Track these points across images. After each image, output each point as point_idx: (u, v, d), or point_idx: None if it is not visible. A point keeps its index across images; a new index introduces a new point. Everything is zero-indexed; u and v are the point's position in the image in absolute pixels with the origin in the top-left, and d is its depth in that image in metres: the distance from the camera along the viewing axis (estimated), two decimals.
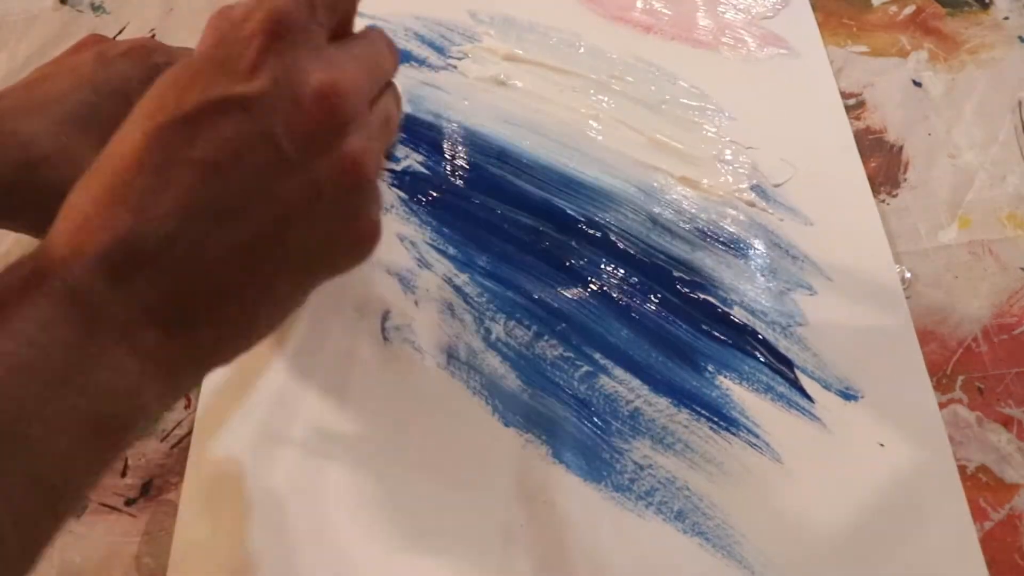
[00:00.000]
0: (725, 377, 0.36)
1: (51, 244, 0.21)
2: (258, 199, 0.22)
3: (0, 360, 0.18)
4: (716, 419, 0.35)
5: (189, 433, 0.36)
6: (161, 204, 0.21)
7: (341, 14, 0.25)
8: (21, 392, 0.19)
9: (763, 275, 0.39)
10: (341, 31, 0.25)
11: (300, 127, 0.22)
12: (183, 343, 0.22)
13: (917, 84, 0.45)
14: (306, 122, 0.22)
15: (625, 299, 0.39)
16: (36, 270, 0.20)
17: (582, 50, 0.47)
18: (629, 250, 0.40)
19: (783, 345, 0.37)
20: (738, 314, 0.38)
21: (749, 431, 0.35)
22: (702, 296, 0.38)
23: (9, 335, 0.19)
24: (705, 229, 0.40)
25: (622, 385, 0.36)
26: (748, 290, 0.39)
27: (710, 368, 0.37)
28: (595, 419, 0.36)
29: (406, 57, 0.48)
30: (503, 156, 0.43)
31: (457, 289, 0.39)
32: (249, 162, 0.21)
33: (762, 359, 0.37)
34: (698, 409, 0.36)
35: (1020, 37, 0.46)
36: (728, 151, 0.43)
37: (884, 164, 0.42)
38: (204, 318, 0.22)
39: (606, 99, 0.45)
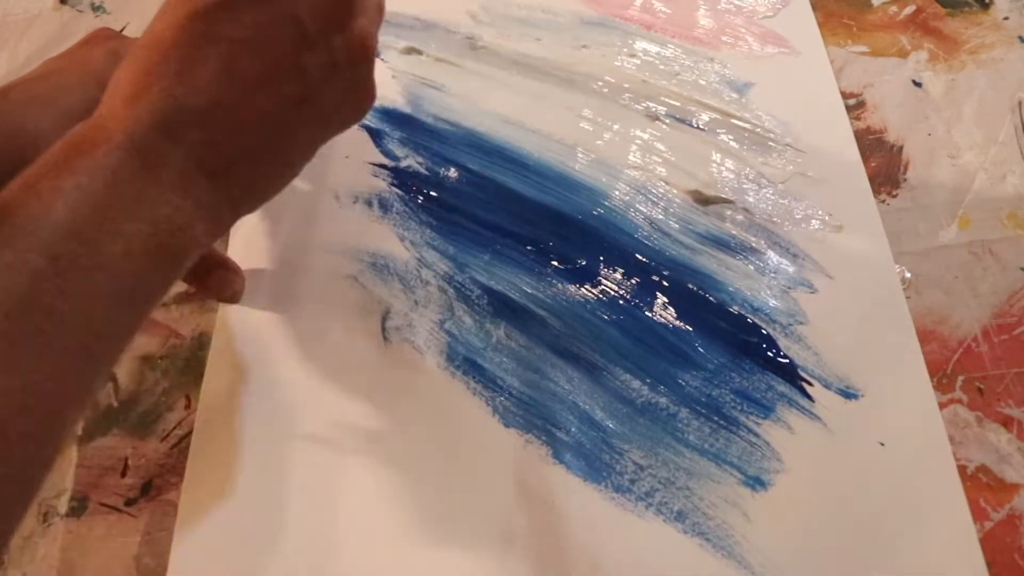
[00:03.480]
0: (725, 376, 0.36)
1: (108, 107, 0.25)
2: (286, 70, 0.27)
3: (82, 191, 0.23)
4: (716, 418, 0.35)
5: (189, 433, 0.36)
6: (203, 74, 0.25)
7: None
8: (100, 216, 0.23)
9: (763, 274, 0.39)
10: None
11: (320, 11, 0.27)
12: (224, 188, 0.27)
13: (917, 84, 0.45)
14: (325, 6, 0.27)
15: (625, 299, 0.39)
16: (100, 126, 0.25)
17: (582, 49, 0.47)
18: (629, 251, 0.40)
19: (783, 344, 0.37)
20: (738, 313, 0.38)
21: (749, 430, 0.35)
22: (702, 295, 0.39)
23: (86, 173, 0.23)
24: (704, 228, 0.40)
25: (622, 386, 0.36)
26: (748, 288, 0.39)
27: (709, 367, 0.37)
28: (595, 420, 0.36)
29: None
30: (503, 156, 0.43)
31: (457, 289, 0.39)
32: (278, 40, 0.26)
33: (762, 358, 0.37)
34: (698, 408, 0.36)
35: (1020, 37, 0.46)
36: (727, 150, 0.43)
37: (884, 164, 0.42)
38: (241, 168, 0.27)
39: (606, 98, 0.45)
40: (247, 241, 0.41)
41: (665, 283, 0.39)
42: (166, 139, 0.25)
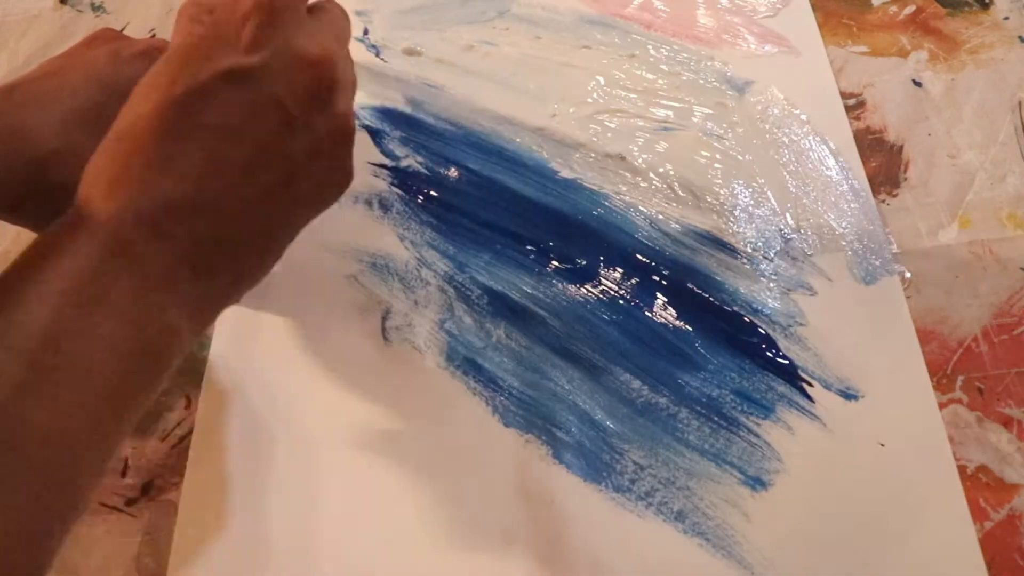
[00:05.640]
0: (725, 377, 0.36)
1: (87, 203, 0.24)
2: (271, 156, 0.25)
3: (63, 294, 0.22)
4: (716, 418, 0.35)
5: (189, 433, 0.36)
6: (187, 165, 0.24)
7: None
8: (83, 320, 0.22)
9: (763, 276, 0.39)
10: None
11: (302, 91, 0.26)
12: (209, 282, 0.25)
13: (917, 84, 0.45)
14: (307, 87, 0.26)
15: (625, 300, 0.39)
16: (80, 222, 0.23)
17: (582, 48, 0.47)
18: (629, 251, 0.40)
19: (783, 345, 0.37)
20: (738, 313, 0.38)
21: (749, 430, 0.35)
22: (702, 295, 0.38)
23: (67, 274, 0.22)
24: (705, 230, 0.40)
25: (622, 386, 0.36)
26: (748, 290, 0.39)
27: (710, 368, 0.37)
28: (595, 420, 0.36)
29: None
30: (503, 156, 0.43)
31: (457, 289, 0.39)
32: (261, 124, 0.25)
33: (762, 358, 0.37)
34: (698, 409, 0.36)
35: (1020, 37, 0.46)
36: (728, 149, 0.43)
37: (884, 164, 0.42)
38: (226, 260, 0.26)
39: (606, 97, 0.45)
40: None
41: (665, 283, 0.39)
42: (151, 235, 0.23)
